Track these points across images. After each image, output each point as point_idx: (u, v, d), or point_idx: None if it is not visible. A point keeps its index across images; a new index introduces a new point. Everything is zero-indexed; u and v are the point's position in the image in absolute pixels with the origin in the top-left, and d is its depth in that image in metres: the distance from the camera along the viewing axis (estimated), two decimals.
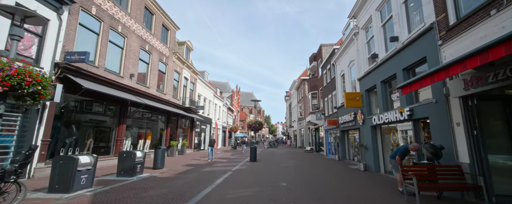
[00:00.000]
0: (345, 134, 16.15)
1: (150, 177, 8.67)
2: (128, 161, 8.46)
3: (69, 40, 9.37)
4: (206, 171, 10.54)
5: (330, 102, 19.67)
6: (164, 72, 17.59)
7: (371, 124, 10.73)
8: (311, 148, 25.68)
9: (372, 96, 11.37)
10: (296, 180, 8.32)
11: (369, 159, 10.95)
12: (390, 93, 9.63)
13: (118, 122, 12.38)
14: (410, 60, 7.71)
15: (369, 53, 11.49)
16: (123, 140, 12.59)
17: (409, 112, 7.53)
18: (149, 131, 16.17)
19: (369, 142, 11.07)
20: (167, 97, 17.49)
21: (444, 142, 6.10)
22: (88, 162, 6.44)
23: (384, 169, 10.36)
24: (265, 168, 11.50)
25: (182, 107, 19.86)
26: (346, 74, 14.72)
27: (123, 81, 12.58)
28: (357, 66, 12.52)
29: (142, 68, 14.79)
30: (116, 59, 12.42)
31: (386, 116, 8.97)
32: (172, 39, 18.69)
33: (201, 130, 26.46)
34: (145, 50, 14.86)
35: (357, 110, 12.22)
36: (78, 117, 10.69)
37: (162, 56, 17.01)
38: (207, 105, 28.41)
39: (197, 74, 24.31)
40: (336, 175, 9.74)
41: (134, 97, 12.44)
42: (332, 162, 14.62)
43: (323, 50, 22.74)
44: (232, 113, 46.42)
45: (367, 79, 11.27)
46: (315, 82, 24.99)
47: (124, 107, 12.62)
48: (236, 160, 15.71)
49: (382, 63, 9.70)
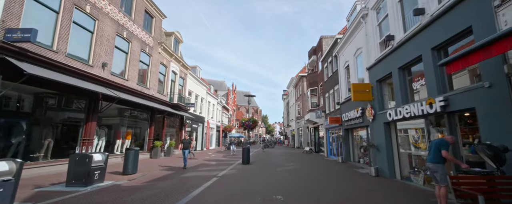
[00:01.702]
0: (349, 132, 14.42)
1: (110, 187, 6.84)
2: (81, 166, 6.62)
3: (13, 15, 7.50)
4: (187, 177, 8.72)
5: (331, 98, 17.93)
6: (148, 64, 15.73)
7: (384, 120, 8.99)
8: (310, 149, 23.94)
9: (384, 88, 9.63)
10: (296, 190, 6.55)
11: (382, 162, 9.21)
12: (410, 81, 7.89)
13: (86, 119, 10.51)
14: (443, 35, 5.97)
15: (380, 37, 9.76)
16: (92, 140, 10.73)
17: (443, 102, 5.78)
18: (128, 130, 14.30)
19: (381, 142, 9.33)
20: (150, 92, 15.64)
21: (503, 141, 4.34)
22: (6, 170, 4.60)
23: (400, 174, 8.63)
24: (258, 173, 9.71)
25: (169, 104, 18.01)
26: (352, 65, 12.98)
27: (93, 70, 10.73)
28: (366, 53, 10.78)
29: (119, 57, 12.93)
30: (83, 44, 10.55)
31: (407, 109, 7.23)
32: (157, 28, 16.83)
33: (193, 129, 24.59)
34: (122, 37, 13.00)
35: (366, 104, 10.48)
36: (32, 112, 8.83)
37: (145, 46, 15.15)
38: (199, 102, 26.56)
39: (187, 69, 22.45)
40: (344, 182, 7.98)
41: (105, 90, 10.59)
42: (335, 165, 12.87)
43: (323, 42, 21.01)
44: (227, 112, 44.57)
45: (379, 68, 9.53)
46: (314, 77, 23.26)
47: (94, 101, 10.75)
48: (226, 162, 13.90)
49: (399, 45, 7.96)
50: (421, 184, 7.49)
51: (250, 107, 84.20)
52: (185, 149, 11.22)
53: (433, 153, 4.62)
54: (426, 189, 6.86)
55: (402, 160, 8.68)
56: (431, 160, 4.62)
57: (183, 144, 11.43)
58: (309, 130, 27.48)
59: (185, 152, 11.17)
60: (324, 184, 7.60)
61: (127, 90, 12.88)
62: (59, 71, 8.83)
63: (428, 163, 4.71)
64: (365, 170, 10.56)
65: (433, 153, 4.63)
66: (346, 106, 13.81)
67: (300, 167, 11.65)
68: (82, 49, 10.47)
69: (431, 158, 4.64)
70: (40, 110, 9.24)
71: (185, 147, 11.25)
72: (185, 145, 11.35)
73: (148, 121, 15.96)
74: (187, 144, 11.46)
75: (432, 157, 4.61)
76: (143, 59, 15.12)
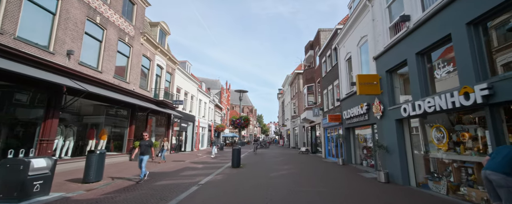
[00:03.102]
0: (350, 132, 13.06)
1: (54, 202, 5.29)
2: (13, 175, 5.05)
3: None
4: (161, 186, 7.20)
5: (330, 95, 16.57)
6: (127, 56, 14.11)
7: (396, 116, 7.63)
8: (307, 149, 22.58)
9: (395, 79, 8.26)
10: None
11: (393, 166, 7.84)
12: (430, 69, 6.51)
13: (45, 115, 8.91)
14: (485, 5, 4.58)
15: (391, 21, 8.39)
16: (53, 141, 9.13)
17: (486, 91, 4.40)
18: (104, 129, 12.68)
19: (392, 142, 7.96)
20: (131, 86, 14.05)
21: None
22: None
23: (415, 181, 7.27)
24: (247, 180, 8.24)
25: (154, 101, 16.40)
26: (354, 56, 11.61)
27: (55, 58, 9.12)
28: (373, 41, 9.41)
29: (90, 46, 11.32)
30: (41, 27, 8.93)
31: (430, 102, 5.84)
32: (139, 16, 15.22)
33: (182, 128, 23.00)
34: (95, 22, 11.37)
35: (373, 99, 9.12)
36: None
37: (124, 35, 13.53)
38: (188, 100, 24.96)
39: (175, 64, 20.83)
40: (352, 192, 6.58)
41: (69, 81, 8.99)
42: (336, 168, 11.48)
43: (321, 35, 19.64)
44: (220, 111, 43.00)
45: (389, 56, 8.16)
46: (311, 73, 21.88)
47: (55, 95, 9.15)
48: (214, 165, 12.40)
49: (417, 27, 6.59)
50: (444, 193, 6.15)
51: (245, 106, 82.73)
52: (143, 154, 7.85)
53: (506, 161, 3.22)
54: (456, 201, 5.50)
55: (417, 164, 7.32)
56: (498, 169, 3.23)
57: (140, 147, 7.94)
58: (306, 130, 26.14)
59: (142, 159, 7.77)
60: (328, 195, 6.18)
61: (101, 83, 11.28)
62: (4, 57, 7.23)
63: (491, 173, 3.32)
64: (371, 175, 9.19)
65: (505, 161, 3.23)
66: (347, 102, 12.44)
67: (297, 172, 10.22)
68: (40, 32, 8.85)
69: (497, 167, 3.26)
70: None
71: (142, 152, 7.87)
72: (143, 148, 7.89)
73: (128, 119, 14.35)
74: (146, 148, 7.92)
75: (502, 166, 3.22)
76: (122, 50, 13.51)
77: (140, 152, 7.93)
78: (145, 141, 8.09)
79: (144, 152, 7.91)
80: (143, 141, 8.10)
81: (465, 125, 5.77)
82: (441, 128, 6.06)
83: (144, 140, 8.16)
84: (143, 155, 7.88)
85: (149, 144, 8.06)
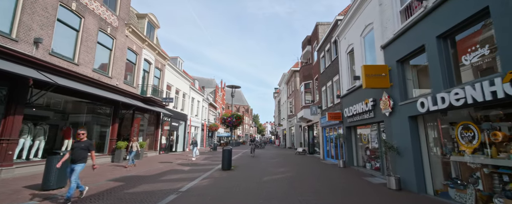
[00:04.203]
0: (352, 131, 12.05)
1: None
2: None
3: None
4: (133, 193, 6.06)
5: (329, 92, 15.56)
6: (110, 48, 12.89)
7: (410, 113, 6.61)
8: (304, 150, 21.55)
9: (407, 70, 7.24)
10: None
11: (406, 170, 6.81)
12: (454, 55, 5.48)
13: (6, 111, 7.71)
14: None
15: (402, 3, 7.37)
16: (16, 141, 7.94)
17: None
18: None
19: (404, 143, 6.94)
20: (113, 81, 12.85)
21: None
22: None
23: (433, 189, 6.25)
24: (237, 186, 7.13)
25: (140, 98, 15.22)
26: (357, 47, 10.58)
27: (18, 46, 7.93)
28: (381, 28, 8.38)
29: (65, 35, 10.12)
30: (1, 10, 7.73)
31: (459, 94, 4.81)
32: (124, 6, 14.01)
33: (172, 127, 21.81)
34: (69, 8, 10.16)
35: (381, 94, 8.09)
36: None
37: (106, 25, 12.33)
38: (180, 98, 23.77)
39: (165, 59, 19.62)
40: (360, 201, 5.52)
41: (35, 73, 7.81)
42: (337, 172, 10.44)
43: (319, 29, 18.62)
44: (215, 110, 41.83)
45: (401, 43, 7.13)
46: (309, 70, 20.85)
47: (18, 88, 7.96)
48: (203, 167, 11.27)
49: (440, 4, 5.56)
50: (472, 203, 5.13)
51: (241, 106, 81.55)
52: (76, 162, 5.18)
53: None
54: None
55: (435, 168, 6.31)
56: None
57: (73, 151, 5.29)
58: (302, 129, 25.12)
59: (74, 168, 5.12)
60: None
61: (77, 76, 10.09)
62: None
63: None
64: (377, 180, 8.16)
65: None
66: (349, 99, 11.42)
67: (293, 176, 9.14)
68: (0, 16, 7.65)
69: None
70: None
71: (75, 158, 5.20)
72: (77, 153, 5.24)
73: (111, 117, 13.14)
74: (82, 152, 5.31)
75: None
76: (103, 41, 12.30)
77: (72, 158, 5.21)
78: (80, 143, 5.39)
79: (77, 158, 5.20)
80: (78, 142, 5.41)
81: (494, 122, 4.78)
82: (470, 126, 5.03)
83: (79, 141, 5.44)
84: (75, 163, 5.15)
85: (86, 146, 5.42)
